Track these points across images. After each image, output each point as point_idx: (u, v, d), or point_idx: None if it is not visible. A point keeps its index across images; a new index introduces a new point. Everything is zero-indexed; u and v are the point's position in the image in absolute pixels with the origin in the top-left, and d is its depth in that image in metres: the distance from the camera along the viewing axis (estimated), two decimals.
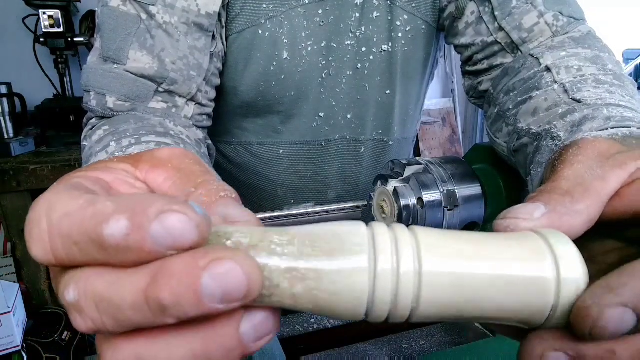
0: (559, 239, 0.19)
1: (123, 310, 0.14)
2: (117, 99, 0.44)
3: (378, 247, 0.17)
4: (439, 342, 0.47)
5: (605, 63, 0.41)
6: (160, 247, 0.14)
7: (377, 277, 0.17)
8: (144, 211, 0.14)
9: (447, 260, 0.17)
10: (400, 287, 0.17)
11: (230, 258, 0.14)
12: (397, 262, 0.17)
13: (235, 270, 0.14)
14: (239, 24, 0.51)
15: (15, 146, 1.35)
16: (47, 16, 1.51)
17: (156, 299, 0.14)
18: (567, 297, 0.18)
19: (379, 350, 0.45)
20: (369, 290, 0.17)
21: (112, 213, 0.14)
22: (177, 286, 0.14)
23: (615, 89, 0.37)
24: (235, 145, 0.63)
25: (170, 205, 0.14)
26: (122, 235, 0.14)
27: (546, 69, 0.41)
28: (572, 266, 0.18)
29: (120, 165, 0.20)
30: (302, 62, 0.54)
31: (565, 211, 0.21)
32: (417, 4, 0.55)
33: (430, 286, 0.17)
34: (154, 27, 0.45)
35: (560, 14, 0.46)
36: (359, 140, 0.62)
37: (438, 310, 0.18)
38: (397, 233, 0.18)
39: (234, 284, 0.14)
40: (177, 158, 0.21)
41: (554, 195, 0.21)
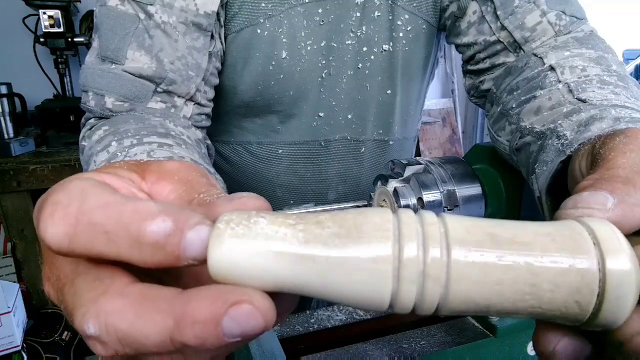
0: (605, 227, 0.17)
1: (147, 347, 0.15)
2: (116, 100, 0.44)
3: (404, 234, 0.16)
4: (439, 342, 0.47)
5: (610, 64, 0.41)
6: (187, 256, 0.16)
7: (401, 266, 0.16)
8: (185, 219, 0.16)
9: (478, 249, 0.16)
10: (428, 277, 0.16)
11: (248, 301, 0.15)
12: (424, 250, 0.16)
13: (253, 313, 0.15)
14: (237, 23, 0.51)
15: (15, 146, 1.35)
16: (47, 16, 1.51)
17: (181, 342, 0.15)
18: (613, 291, 0.16)
19: (379, 350, 0.45)
20: (393, 279, 0.16)
21: (158, 213, 0.16)
22: (201, 333, 0.15)
23: (620, 90, 0.37)
24: (234, 145, 0.62)
25: (206, 219, 0.16)
26: (164, 234, 0.15)
27: (550, 68, 0.41)
28: (619, 258, 0.16)
29: (127, 174, 0.20)
30: (302, 61, 0.54)
31: (634, 201, 0.20)
32: (418, 4, 0.55)
33: (460, 277, 0.16)
34: (152, 27, 0.45)
35: (563, 13, 0.46)
36: (360, 140, 0.62)
37: (468, 303, 0.16)
38: (425, 220, 0.17)
39: (253, 324, 0.15)
40: (184, 170, 0.21)
41: (615, 184, 0.21)
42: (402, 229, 0.17)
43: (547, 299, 0.16)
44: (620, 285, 0.16)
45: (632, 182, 0.21)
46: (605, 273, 0.16)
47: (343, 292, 0.16)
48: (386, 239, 0.16)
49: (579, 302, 0.16)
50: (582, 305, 0.16)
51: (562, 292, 0.16)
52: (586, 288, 0.16)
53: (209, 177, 0.21)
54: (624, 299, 0.16)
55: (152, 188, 0.20)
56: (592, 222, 0.17)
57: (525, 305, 0.16)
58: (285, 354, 0.39)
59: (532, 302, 0.16)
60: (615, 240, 0.17)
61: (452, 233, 0.17)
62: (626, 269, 0.16)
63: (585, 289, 0.16)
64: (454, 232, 0.17)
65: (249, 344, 0.39)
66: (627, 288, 0.16)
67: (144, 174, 0.21)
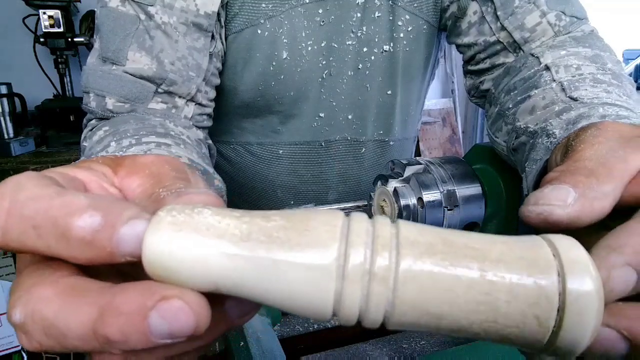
0: (569, 245, 0.16)
1: (70, 339, 0.15)
2: (117, 101, 0.44)
3: (352, 240, 0.15)
4: (439, 342, 0.47)
5: (605, 62, 0.41)
6: (121, 252, 0.15)
7: (347, 265, 0.15)
8: (118, 214, 0.15)
9: (430, 252, 0.15)
10: (374, 278, 0.15)
11: (178, 297, 0.14)
12: (373, 250, 0.15)
13: (183, 309, 0.14)
14: (237, 23, 0.51)
15: (15, 146, 1.35)
16: (47, 16, 1.51)
17: (103, 335, 0.14)
18: (575, 313, 0.15)
19: (379, 350, 0.45)
20: (336, 288, 0.15)
21: (87, 207, 0.15)
22: (125, 326, 0.14)
23: (612, 89, 0.37)
24: (235, 145, 0.62)
25: (144, 214, 0.15)
26: (92, 230, 0.15)
27: (545, 67, 0.42)
28: (582, 278, 0.15)
29: (101, 168, 0.20)
30: (302, 62, 0.54)
31: (595, 195, 0.20)
32: (418, 4, 0.55)
33: (409, 280, 0.15)
34: (152, 28, 0.45)
35: (563, 14, 0.47)
36: (360, 141, 0.62)
37: (417, 309, 0.15)
38: (377, 226, 0.16)
39: (182, 323, 0.14)
40: (156, 164, 0.20)
41: (578, 176, 0.21)
42: (352, 226, 0.16)
43: (503, 310, 0.15)
44: (580, 298, 0.15)
45: (595, 175, 0.21)
46: (565, 285, 0.15)
47: (284, 291, 0.15)
48: (333, 235, 0.15)
49: (538, 317, 0.15)
50: (541, 319, 0.15)
51: (519, 304, 0.15)
52: (545, 300, 0.15)
53: (182, 172, 0.20)
54: (585, 313, 0.15)
55: (123, 182, 0.20)
56: (556, 239, 0.16)
57: (480, 318, 0.15)
58: (285, 354, 0.39)
59: (487, 314, 0.15)
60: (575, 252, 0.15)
61: (404, 234, 0.16)
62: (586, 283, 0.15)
63: (544, 301, 0.15)
64: (406, 234, 0.16)
65: (249, 343, 0.39)
66: (587, 300, 0.15)
67: (117, 168, 0.20)
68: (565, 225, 0.20)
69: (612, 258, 0.16)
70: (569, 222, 0.20)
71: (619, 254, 0.16)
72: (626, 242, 0.17)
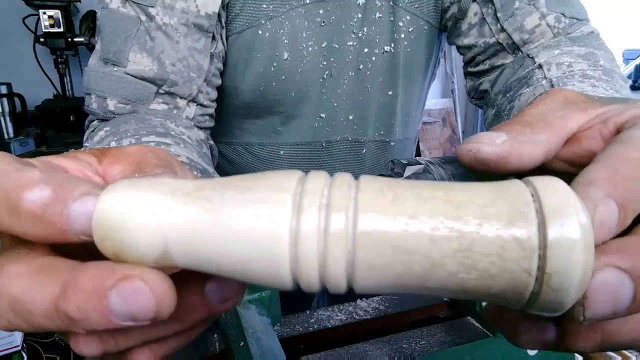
0: (553, 186, 0.14)
1: (35, 317, 0.14)
2: (118, 102, 0.44)
3: (306, 200, 0.14)
4: (439, 342, 0.47)
5: (598, 59, 0.42)
6: (72, 229, 0.14)
7: (299, 238, 0.13)
8: (70, 189, 0.14)
9: (392, 220, 0.14)
10: (329, 252, 0.13)
11: (139, 277, 0.14)
12: (326, 219, 0.14)
13: (143, 290, 0.14)
14: (238, 24, 0.51)
15: (15, 146, 1.35)
16: (47, 16, 1.51)
17: (64, 311, 0.14)
18: (558, 263, 0.13)
19: (379, 350, 0.45)
20: (290, 253, 0.14)
21: (38, 181, 0.14)
22: (84, 303, 0.14)
23: (600, 83, 0.37)
24: (236, 146, 0.63)
25: (97, 189, 0.15)
26: (41, 204, 0.14)
27: (539, 66, 0.42)
28: (567, 223, 0.13)
29: (87, 157, 0.20)
30: (303, 62, 0.54)
31: (526, 139, 0.21)
32: (419, 5, 0.55)
33: (367, 251, 0.13)
34: (153, 29, 0.45)
35: (563, 15, 0.47)
36: (361, 142, 0.62)
37: (381, 280, 0.14)
38: (335, 183, 0.15)
39: (142, 305, 0.14)
40: (140, 153, 0.20)
41: (515, 125, 0.22)
42: (307, 185, 0.14)
43: (479, 267, 0.13)
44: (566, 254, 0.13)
45: (531, 125, 0.21)
46: (546, 234, 0.13)
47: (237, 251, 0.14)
48: (290, 178, 0.14)
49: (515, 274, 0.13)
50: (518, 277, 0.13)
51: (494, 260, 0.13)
52: (523, 254, 0.13)
53: (166, 160, 0.20)
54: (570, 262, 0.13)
55: (106, 170, 0.20)
56: (537, 179, 0.15)
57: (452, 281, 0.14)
58: (285, 354, 0.39)
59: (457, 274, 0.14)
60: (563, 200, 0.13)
61: (364, 198, 0.14)
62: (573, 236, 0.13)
63: (522, 255, 0.13)
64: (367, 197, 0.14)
65: (249, 343, 0.39)
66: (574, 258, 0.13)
67: (102, 158, 0.21)
68: (494, 164, 0.20)
69: (592, 191, 0.16)
70: (497, 160, 0.20)
71: (595, 186, 0.16)
72: (597, 176, 0.16)
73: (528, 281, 0.13)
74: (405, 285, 0.14)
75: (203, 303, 0.17)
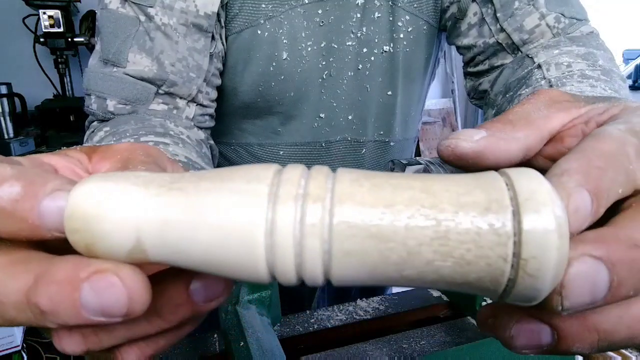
0: (526, 175, 0.14)
1: (7, 309, 0.14)
2: (118, 102, 0.44)
3: (282, 190, 0.14)
4: (439, 342, 0.47)
5: (597, 59, 0.42)
6: (44, 225, 0.14)
7: (275, 229, 0.13)
8: (41, 184, 0.14)
9: (369, 209, 0.13)
10: (305, 241, 0.13)
11: (113, 271, 0.14)
12: (302, 209, 0.14)
13: (116, 284, 0.13)
14: (237, 24, 0.51)
15: (15, 146, 1.35)
16: (47, 16, 1.51)
17: (35, 303, 0.14)
18: (533, 248, 0.13)
19: (379, 350, 0.45)
20: (265, 243, 0.13)
21: (8, 177, 0.14)
22: (55, 294, 0.13)
23: (599, 83, 0.37)
24: (235, 146, 0.63)
25: (69, 185, 0.14)
26: (10, 199, 0.14)
27: (538, 66, 0.42)
28: (540, 209, 0.13)
29: (77, 155, 0.20)
30: (302, 62, 0.54)
31: (504, 136, 0.21)
32: (418, 5, 0.55)
33: (344, 240, 0.13)
34: (152, 29, 0.45)
35: (562, 15, 0.47)
36: (360, 142, 0.62)
37: (358, 270, 0.14)
38: (312, 174, 0.15)
39: (114, 299, 0.13)
40: (129, 150, 0.20)
41: (496, 123, 0.22)
42: (284, 175, 0.14)
43: (457, 254, 0.13)
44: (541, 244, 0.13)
45: (512, 123, 0.22)
46: (521, 226, 0.13)
47: (211, 243, 0.14)
48: (264, 180, 0.14)
49: (490, 265, 0.13)
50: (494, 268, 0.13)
51: (469, 251, 0.13)
52: (498, 246, 0.13)
53: (154, 156, 0.20)
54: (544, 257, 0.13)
55: (95, 167, 0.20)
56: (514, 171, 0.15)
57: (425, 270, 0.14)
58: (285, 354, 0.39)
59: (432, 265, 0.14)
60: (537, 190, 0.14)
61: (340, 190, 0.14)
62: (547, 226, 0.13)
63: (497, 247, 0.13)
64: (343, 189, 0.14)
65: (249, 343, 0.39)
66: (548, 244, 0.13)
67: (92, 155, 0.21)
68: (471, 159, 0.21)
69: (566, 181, 0.16)
70: (475, 156, 0.21)
71: (568, 176, 0.16)
72: (570, 167, 0.17)
73: (504, 267, 0.13)
74: (382, 275, 0.14)
75: (188, 301, 0.17)
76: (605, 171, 0.17)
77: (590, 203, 0.16)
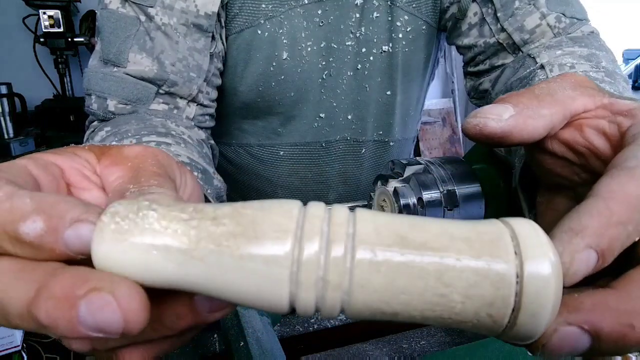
0: (527, 227, 0.16)
1: (11, 317, 0.15)
2: (118, 102, 0.44)
3: (306, 232, 0.15)
4: (439, 342, 0.47)
5: (600, 60, 0.41)
6: (71, 252, 0.15)
7: (300, 271, 0.15)
8: (60, 216, 0.15)
9: (385, 254, 0.15)
10: (327, 284, 0.15)
11: (108, 290, 0.14)
12: (326, 254, 0.15)
13: (110, 305, 0.13)
14: (237, 24, 0.51)
15: (15, 146, 1.35)
16: (47, 16, 1.51)
17: (35, 317, 0.14)
18: (532, 295, 0.15)
19: (379, 350, 0.45)
20: (290, 284, 0.15)
21: (30, 212, 0.15)
22: (53, 309, 0.14)
23: (604, 85, 0.37)
24: (235, 147, 0.63)
25: (87, 215, 0.15)
26: (36, 235, 0.15)
27: (540, 67, 0.42)
28: (539, 259, 0.15)
29: (86, 155, 0.20)
30: (302, 62, 0.54)
31: (530, 114, 0.21)
32: (417, 5, 0.55)
33: (363, 284, 0.15)
34: (153, 29, 0.45)
35: (563, 15, 0.47)
36: (360, 141, 0.62)
37: (372, 310, 0.15)
38: (333, 216, 0.16)
39: (108, 319, 0.13)
40: (139, 158, 0.20)
41: (522, 98, 0.22)
42: (305, 228, 0.15)
43: (458, 309, 0.15)
44: (537, 299, 0.15)
45: (538, 99, 0.22)
46: (523, 286, 0.15)
47: (238, 295, 0.15)
48: (284, 241, 0.15)
49: (492, 316, 0.15)
50: (495, 318, 0.15)
51: (474, 304, 0.15)
52: (500, 301, 0.15)
53: (164, 167, 0.20)
54: (540, 313, 0.15)
55: (104, 171, 0.20)
56: (516, 222, 0.16)
57: (434, 316, 0.15)
58: (285, 354, 0.39)
59: (442, 314, 0.15)
60: (537, 249, 0.15)
61: (360, 235, 0.15)
62: (545, 279, 0.15)
63: (499, 302, 0.15)
64: (362, 235, 0.15)
65: (249, 344, 0.39)
66: (544, 301, 0.15)
67: (101, 157, 0.21)
68: (498, 138, 0.21)
69: (575, 242, 0.16)
70: (502, 135, 0.21)
71: (581, 238, 0.16)
72: (587, 224, 0.17)
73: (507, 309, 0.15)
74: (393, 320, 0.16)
75: (191, 312, 0.17)
76: (626, 226, 0.17)
77: (595, 262, 0.16)
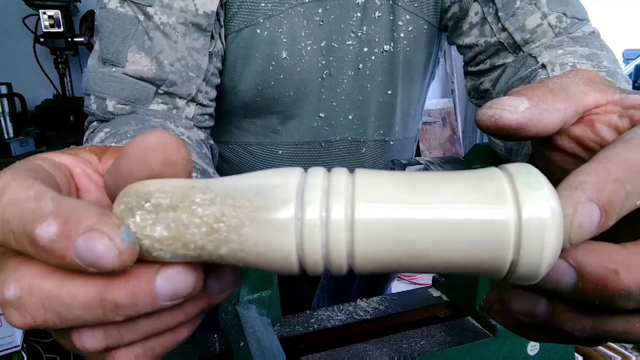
0: (526, 171, 0.16)
1: (72, 309, 0.15)
2: (117, 102, 0.44)
3: (306, 198, 0.16)
4: (439, 342, 0.47)
5: (601, 60, 0.41)
6: (81, 261, 0.15)
7: (303, 231, 0.16)
8: (75, 223, 0.15)
9: (383, 205, 0.16)
10: (331, 239, 0.16)
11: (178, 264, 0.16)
12: (327, 212, 0.16)
13: (183, 273, 0.16)
14: (236, 23, 0.51)
15: (15, 146, 1.35)
16: (47, 16, 1.51)
17: (113, 301, 0.15)
18: (531, 240, 0.15)
19: (379, 350, 0.45)
20: (297, 246, 0.16)
21: (48, 215, 0.15)
22: (134, 288, 0.15)
23: None
24: (234, 146, 0.62)
25: (102, 225, 0.15)
26: (49, 239, 0.15)
27: (542, 66, 0.42)
28: (538, 204, 0.15)
29: (88, 155, 0.21)
30: (302, 61, 0.54)
31: (546, 107, 0.21)
32: (419, 4, 0.55)
33: (364, 236, 0.16)
34: (151, 29, 0.45)
35: (564, 15, 0.47)
36: (360, 141, 0.62)
37: (377, 261, 0.16)
38: (332, 179, 0.17)
39: (183, 285, 0.16)
40: None
41: (537, 92, 0.22)
42: (306, 192, 0.16)
43: (461, 255, 0.16)
44: (537, 235, 0.15)
45: (553, 93, 0.22)
46: (522, 229, 0.15)
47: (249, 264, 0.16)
48: (287, 208, 0.16)
49: (495, 259, 0.16)
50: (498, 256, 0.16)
51: (475, 250, 0.16)
52: (501, 245, 0.15)
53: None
54: (541, 249, 0.15)
55: (104, 167, 0.21)
56: (514, 167, 0.17)
57: (440, 264, 0.16)
58: (285, 354, 0.39)
59: (445, 262, 0.16)
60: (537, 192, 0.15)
61: (359, 190, 0.16)
62: (543, 217, 0.15)
63: (500, 246, 0.15)
64: (361, 189, 0.16)
65: (249, 343, 0.39)
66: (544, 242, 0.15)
67: (102, 156, 0.21)
68: (512, 130, 0.21)
69: (576, 194, 0.17)
70: (517, 128, 0.21)
71: (581, 191, 0.17)
72: (585, 180, 0.17)
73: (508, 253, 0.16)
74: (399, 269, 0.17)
75: (204, 294, 0.18)
76: (623, 184, 0.17)
77: (599, 217, 0.16)
